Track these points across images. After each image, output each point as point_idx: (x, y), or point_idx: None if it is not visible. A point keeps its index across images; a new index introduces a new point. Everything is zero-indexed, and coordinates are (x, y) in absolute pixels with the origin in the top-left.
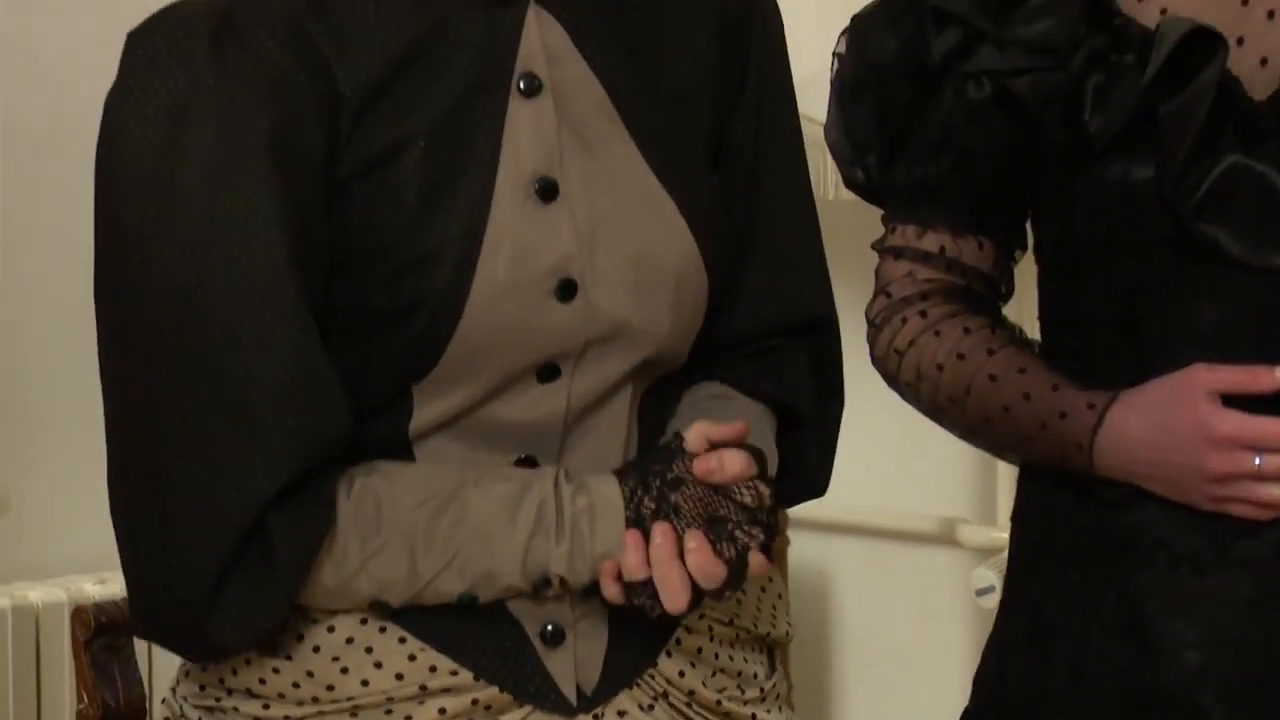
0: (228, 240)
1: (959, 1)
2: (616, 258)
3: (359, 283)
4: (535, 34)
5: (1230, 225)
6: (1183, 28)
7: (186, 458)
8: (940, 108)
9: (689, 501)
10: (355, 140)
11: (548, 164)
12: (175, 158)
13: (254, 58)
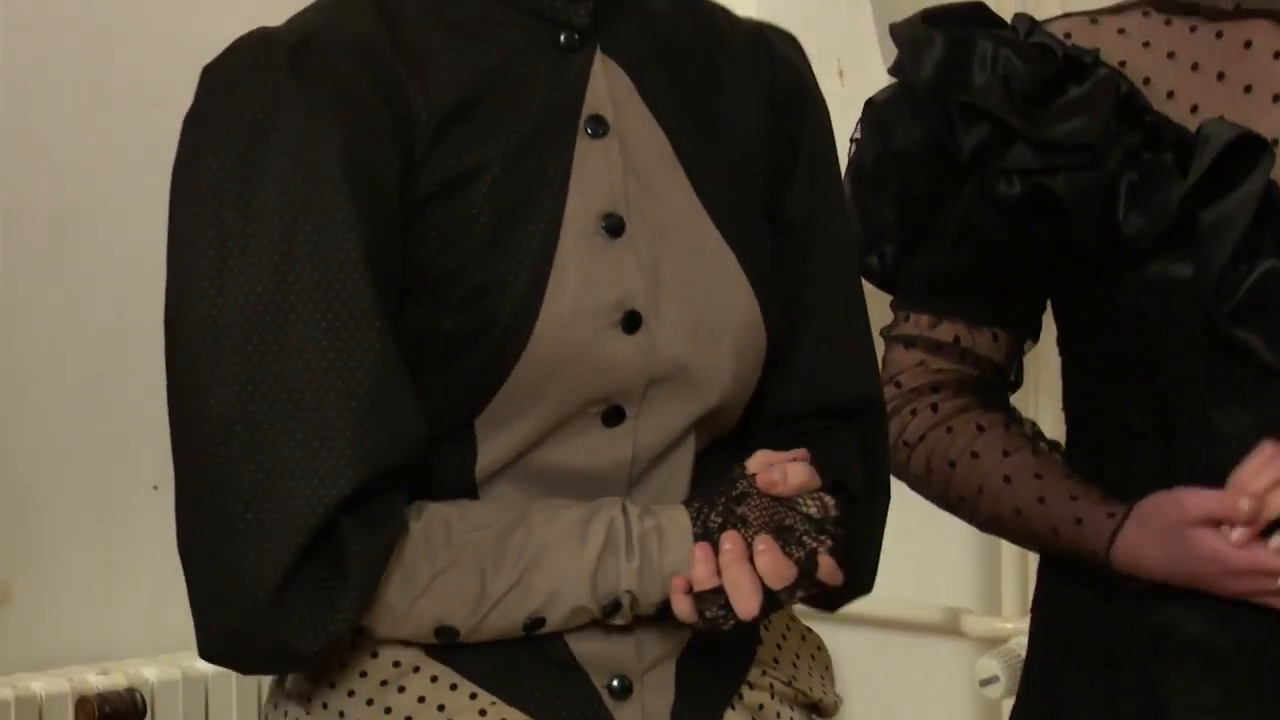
0: (306, 252)
1: (989, 96)
2: (679, 300)
3: (428, 308)
4: (602, 79)
5: (1266, 331)
6: (1228, 134)
7: (258, 461)
8: (964, 200)
9: (755, 511)
10: (430, 163)
11: (614, 202)
12: (253, 175)
13: (330, 78)
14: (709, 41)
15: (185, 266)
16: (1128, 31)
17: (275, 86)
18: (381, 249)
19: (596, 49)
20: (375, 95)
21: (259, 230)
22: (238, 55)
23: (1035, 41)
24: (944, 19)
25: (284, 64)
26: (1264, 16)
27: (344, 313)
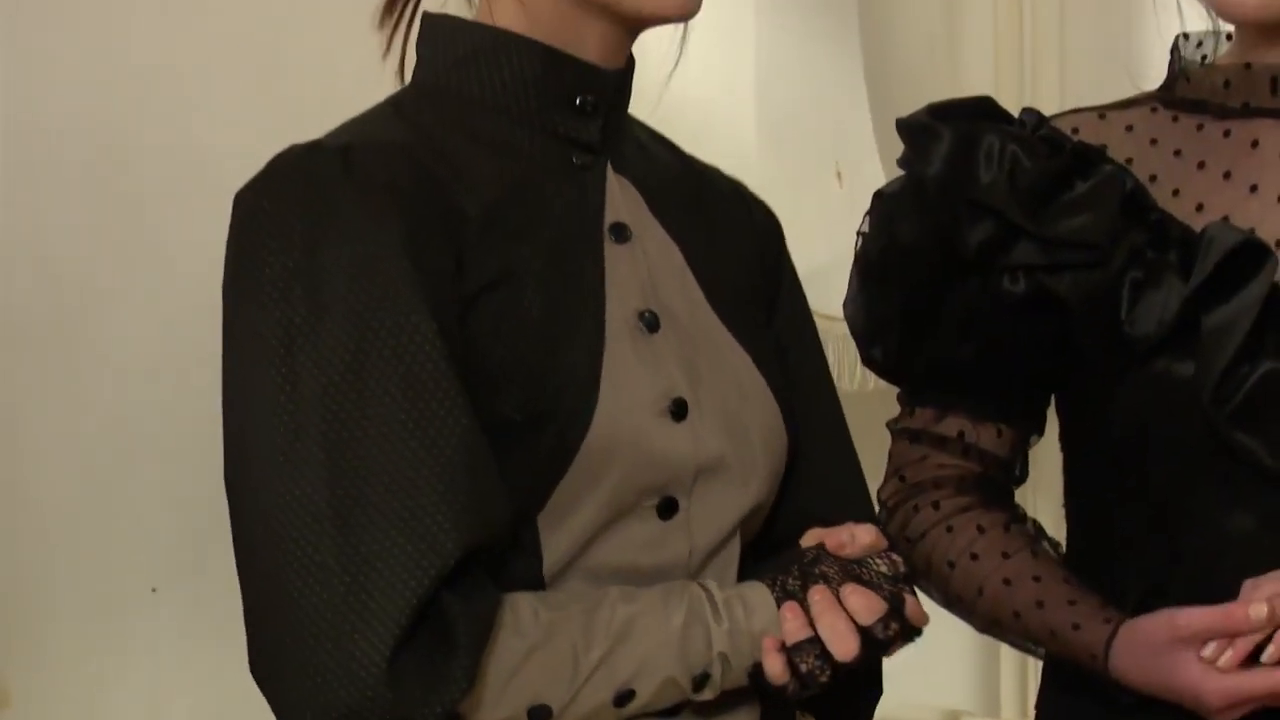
0: (380, 336)
1: (994, 194)
2: (712, 396)
3: (489, 396)
4: (617, 193)
5: (1265, 435)
6: (1232, 239)
7: (354, 546)
8: (968, 295)
9: (832, 569)
10: (477, 257)
11: (646, 300)
12: (316, 269)
13: (380, 176)
14: (695, 177)
15: (253, 368)
16: (1135, 128)
17: (328, 186)
18: (448, 335)
19: (608, 165)
20: (422, 192)
21: (328, 321)
22: (283, 164)
23: (1042, 136)
24: (951, 113)
25: (334, 166)
26: (1272, 116)
27: (425, 391)
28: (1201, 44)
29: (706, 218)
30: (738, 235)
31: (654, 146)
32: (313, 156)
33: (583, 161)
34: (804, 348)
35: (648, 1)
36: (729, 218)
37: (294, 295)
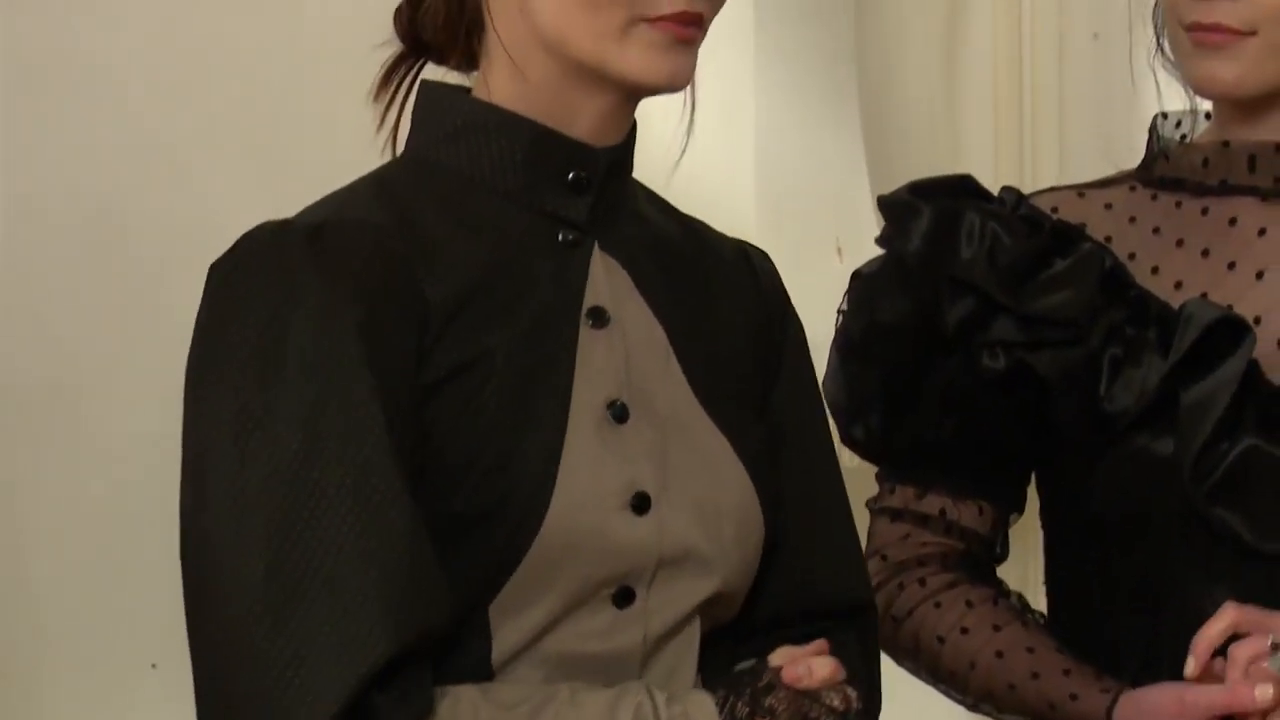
0: (331, 426)
1: (974, 271)
2: (683, 485)
3: (441, 490)
4: (601, 273)
5: (1244, 511)
6: (1210, 315)
7: (287, 635)
8: (949, 374)
9: (782, 704)
10: (442, 346)
11: (618, 389)
12: (274, 352)
13: (346, 262)
14: (697, 247)
15: (206, 444)
16: (1114, 206)
17: (293, 269)
18: (401, 426)
19: (595, 245)
20: (388, 280)
21: (282, 406)
22: (252, 243)
23: (1022, 214)
24: (932, 191)
25: (300, 248)
26: (1248, 193)
27: (371, 484)
28: (1180, 123)
29: (704, 289)
30: (738, 304)
31: (654, 214)
32: (282, 236)
33: (569, 239)
34: (804, 418)
35: (632, 70)
36: (730, 286)
37: (251, 379)
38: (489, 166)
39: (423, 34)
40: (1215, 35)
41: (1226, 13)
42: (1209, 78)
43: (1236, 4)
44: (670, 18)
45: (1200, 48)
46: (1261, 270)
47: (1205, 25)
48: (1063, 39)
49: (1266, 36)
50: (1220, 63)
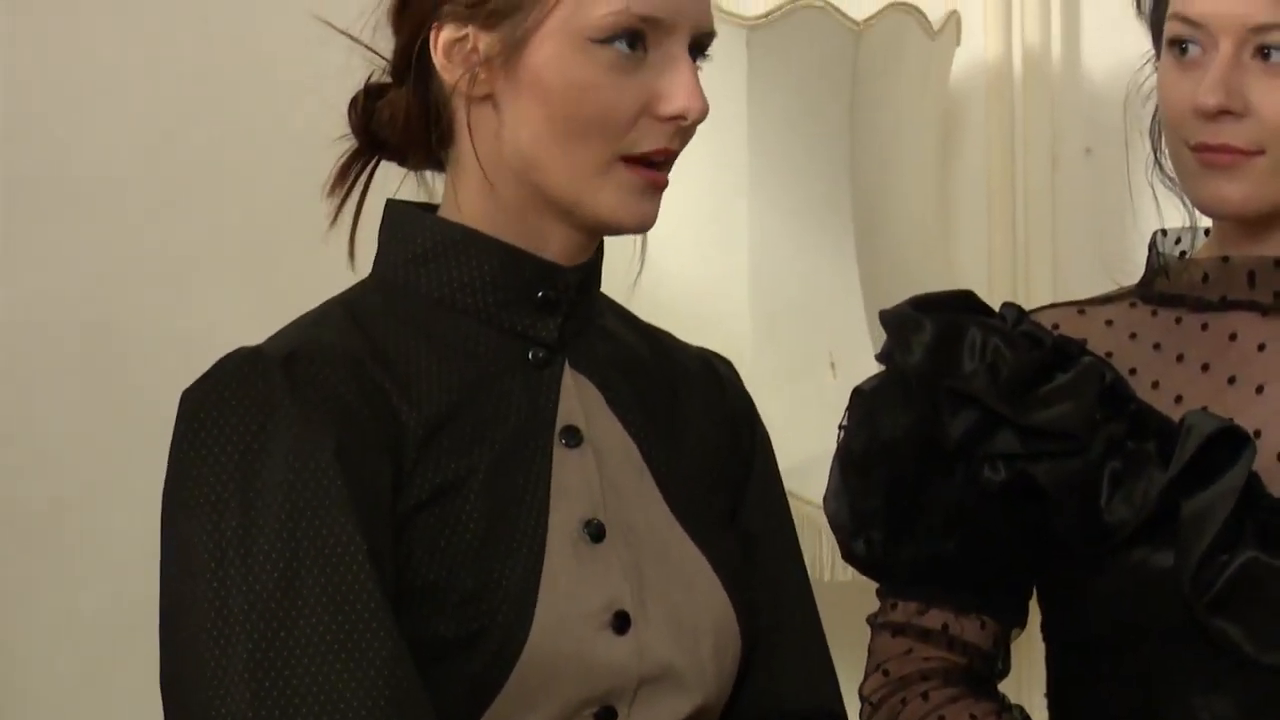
0: (310, 554)
1: (975, 383)
2: (661, 602)
3: (421, 613)
4: (573, 392)
5: (1245, 623)
6: (1211, 426)
7: None
8: (952, 487)
9: None
10: (419, 471)
11: (593, 509)
12: (251, 482)
13: (321, 388)
14: (664, 360)
15: (185, 578)
16: (1115, 322)
17: (268, 396)
18: (381, 552)
19: (565, 364)
20: (363, 405)
21: (259, 538)
22: (225, 371)
23: (1023, 330)
24: (933, 306)
25: (275, 375)
26: (1248, 308)
27: (353, 611)
28: (1180, 240)
29: (673, 405)
30: (706, 416)
31: (622, 331)
32: (255, 364)
33: (539, 359)
34: (774, 532)
35: (605, 213)
36: (697, 398)
37: (228, 509)
38: (458, 288)
39: (380, 132)
40: (1223, 156)
41: (1233, 133)
42: (1216, 198)
43: (1243, 124)
44: (651, 154)
45: (1208, 168)
46: (1262, 385)
47: (1213, 146)
48: (1056, 154)
49: (1273, 155)
50: (1227, 183)
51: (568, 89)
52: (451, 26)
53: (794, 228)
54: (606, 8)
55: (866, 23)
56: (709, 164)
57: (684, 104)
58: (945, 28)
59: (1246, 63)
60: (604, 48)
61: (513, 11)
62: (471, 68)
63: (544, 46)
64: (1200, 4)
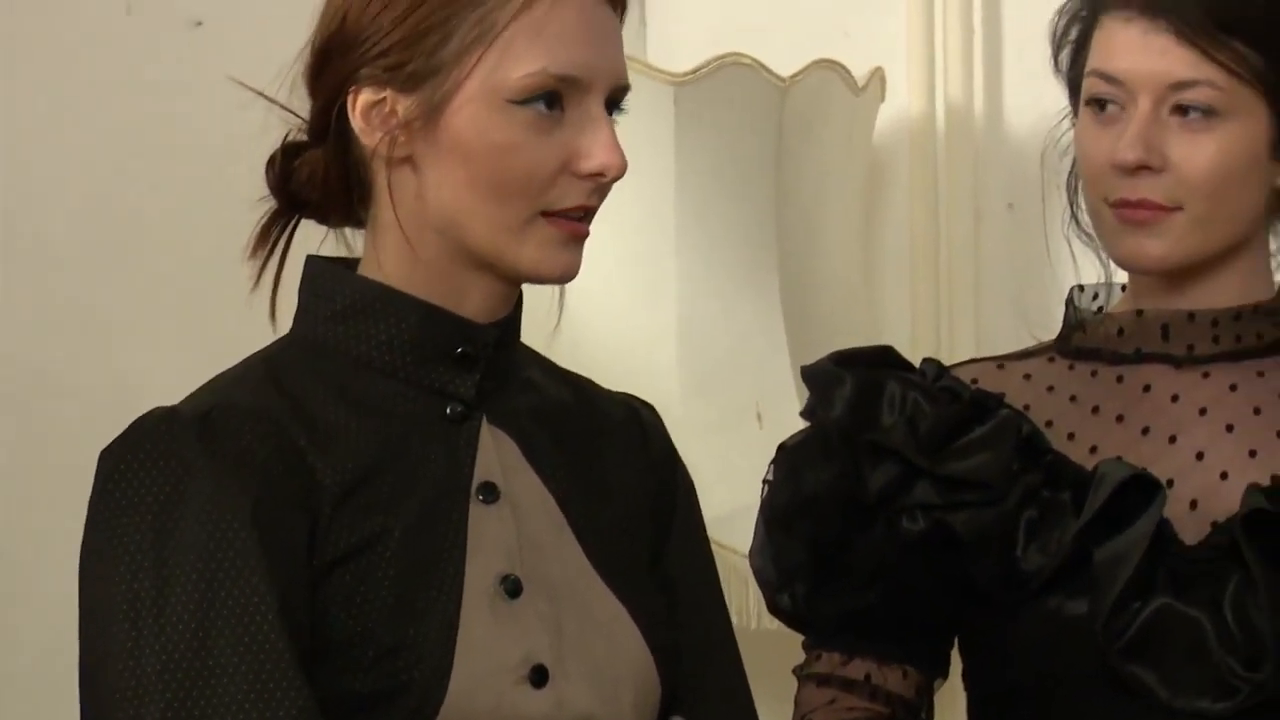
0: (224, 613)
1: (895, 436)
2: (580, 654)
3: (340, 668)
4: (491, 447)
5: (1158, 668)
6: (1122, 473)
7: None
8: (873, 540)
9: None
10: (335, 528)
11: (510, 564)
12: (165, 541)
13: (235, 448)
14: (586, 410)
15: (101, 635)
16: (1033, 376)
17: (183, 456)
18: (293, 609)
19: (483, 419)
20: (278, 464)
21: (173, 597)
22: (141, 431)
23: (943, 385)
24: (854, 362)
25: (190, 435)
26: (1162, 361)
27: (266, 668)
28: (1096, 295)
29: (595, 453)
30: (629, 464)
31: (545, 382)
32: (171, 423)
33: (457, 414)
34: (697, 576)
35: (527, 264)
36: (621, 446)
37: (142, 567)
38: (377, 347)
39: (299, 191)
40: (1142, 211)
41: (1152, 188)
42: (1137, 253)
43: (1161, 179)
44: (572, 210)
45: (1127, 224)
46: (1174, 435)
47: (1131, 201)
48: (978, 209)
49: (1191, 211)
50: (1146, 238)
51: (489, 150)
52: (370, 90)
53: (721, 281)
54: (524, 69)
55: (792, 79)
56: (637, 219)
57: (603, 161)
58: (869, 84)
59: (1165, 119)
60: (523, 108)
61: (431, 75)
62: (390, 130)
63: (464, 109)
64: (1120, 61)
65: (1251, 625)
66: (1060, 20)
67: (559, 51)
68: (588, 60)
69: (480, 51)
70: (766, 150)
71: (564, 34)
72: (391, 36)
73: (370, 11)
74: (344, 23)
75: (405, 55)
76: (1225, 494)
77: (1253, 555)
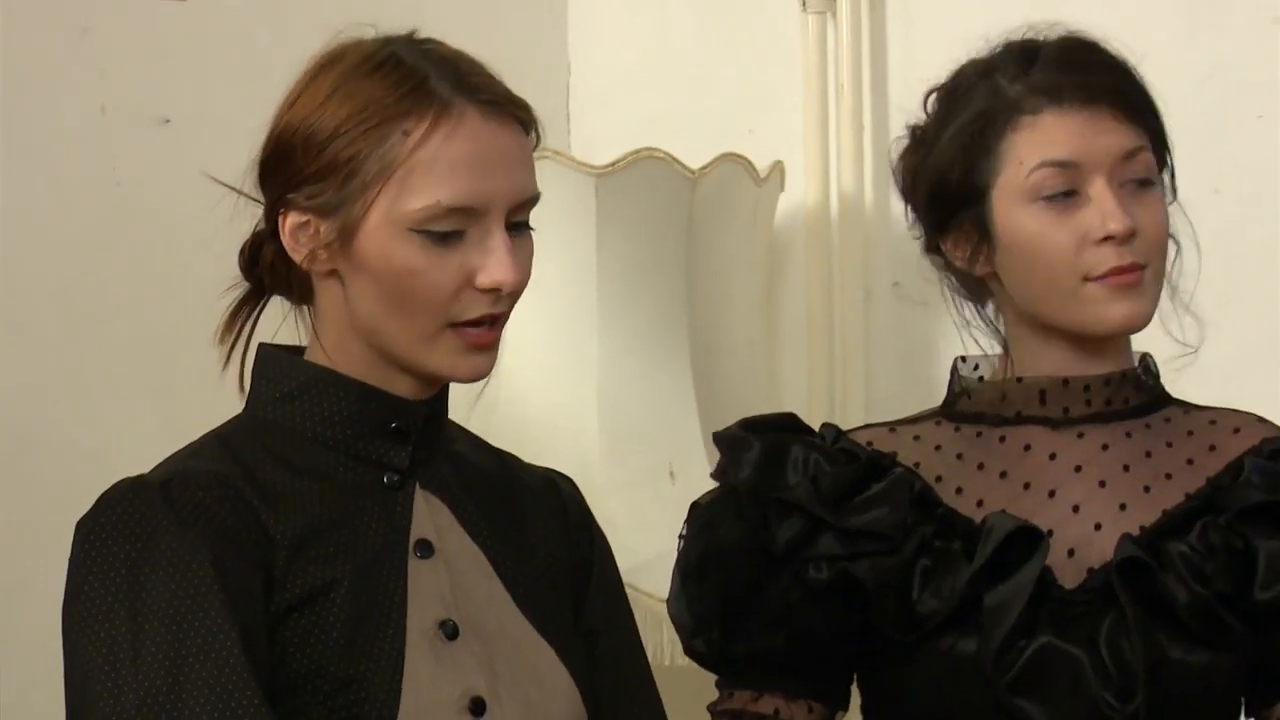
0: (194, 653)
1: (799, 493)
2: (514, 692)
3: (298, 703)
4: (424, 509)
5: (1041, 701)
6: (1008, 525)
7: None
8: (780, 588)
9: None
10: (289, 578)
11: (446, 611)
12: (139, 595)
13: (197, 507)
14: (509, 480)
15: (84, 683)
16: (922, 438)
17: (150, 518)
18: (255, 645)
19: (416, 486)
20: (236, 521)
21: (148, 640)
22: (112, 500)
23: (840, 447)
24: (760, 427)
25: (156, 499)
26: (1040, 423)
27: (234, 700)
28: (977, 366)
29: (518, 517)
30: (548, 531)
31: (473, 454)
32: (137, 491)
33: (393, 482)
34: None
35: (441, 371)
36: (540, 512)
37: (118, 618)
38: (320, 422)
39: (264, 276)
40: (1132, 275)
41: (1134, 252)
42: (1133, 315)
43: (1135, 243)
44: (479, 319)
45: (1121, 289)
46: (1053, 490)
47: (1125, 267)
48: (868, 288)
49: (1152, 267)
50: (1138, 299)
51: (394, 272)
52: (295, 213)
53: (638, 353)
54: (420, 202)
55: (701, 171)
56: (563, 297)
57: (497, 279)
58: (770, 176)
59: (1118, 190)
60: (422, 235)
61: (342, 204)
62: (314, 248)
63: (371, 235)
64: (1070, 147)
65: (1124, 660)
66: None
67: (452, 184)
68: (481, 188)
69: (380, 185)
70: (678, 234)
71: (457, 166)
72: (309, 168)
73: (294, 141)
74: (276, 146)
75: (321, 186)
76: (1099, 543)
77: (1125, 598)
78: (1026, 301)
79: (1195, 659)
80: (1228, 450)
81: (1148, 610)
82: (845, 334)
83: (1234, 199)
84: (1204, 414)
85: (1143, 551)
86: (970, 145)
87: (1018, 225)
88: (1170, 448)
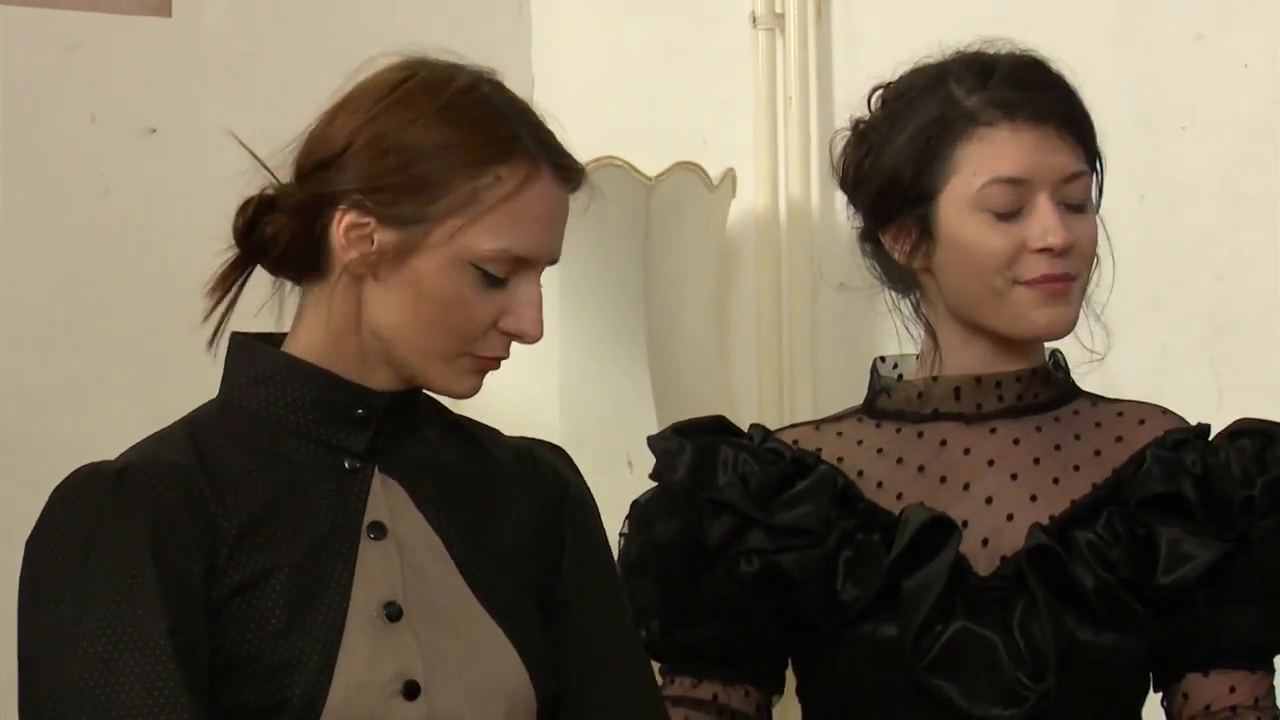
0: (128, 642)
1: (729, 493)
2: (455, 671)
3: (237, 684)
4: (381, 493)
5: (958, 681)
6: (923, 517)
7: None
8: (714, 581)
9: None
10: (232, 564)
11: (393, 592)
12: (84, 576)
13: (144, 496)
14: (479, 460)
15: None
16: (844, 434)
17: (100, 504)
18: (188, 636)
19: (375, 469)
20: (183, 509)
21: (89, 619)
22: (70, 484)
23: (768, 447)
24: (692, 431)
25: (106, 486)
26: (955, 419)
27: (157, 689)
28: (896, 365)
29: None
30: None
31: (441, 437)
32: (92, 478)
33: (353, 466)
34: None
35: (438, 385)
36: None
37: (63, 602)
38: (284, 407)
39: (258, 244)
40: (1061, 284)
41: (1067, 263)
42: (1057, 320)
43: (1070, 255)
44: (489, 357)
45: (1051, 296)
46: (968, 483)
47: (1056, 276)
48: (815, 290)
49: (1080, 279)
50: (1065, 306)
51: (442, 296)
52: (355, 214)
53: (598, 352)
54: (492, 244)
55: (657, 178)
56: None
57: (523, 329)
58: (723, 182)
59: (1057, 205)
60: (477, 270)
61: (416, 222)
62: (365, 253)
63: (432, 257)
64: (1019, 163)
65: (1036, 643)
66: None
67: (523, 236)
68: (542, 245)
69: (464, 219)
70: (635, 239)
71: (529, 221)
72: (391, 178)
73: (378, 147)
74: (350, 145)
75: (398, 198)
76: (1011, 532)
77: (1036, 584)
78: (956, 299)
79: (1103, 640)
80: (1133, 441)
81: (1057, 595)
82: (793, 332)
83: (1159, 206)
84: (1112, 406)
85: (1052, 540)
86: (924, 149)
87: (960, 230)
88: (1078, 440)
